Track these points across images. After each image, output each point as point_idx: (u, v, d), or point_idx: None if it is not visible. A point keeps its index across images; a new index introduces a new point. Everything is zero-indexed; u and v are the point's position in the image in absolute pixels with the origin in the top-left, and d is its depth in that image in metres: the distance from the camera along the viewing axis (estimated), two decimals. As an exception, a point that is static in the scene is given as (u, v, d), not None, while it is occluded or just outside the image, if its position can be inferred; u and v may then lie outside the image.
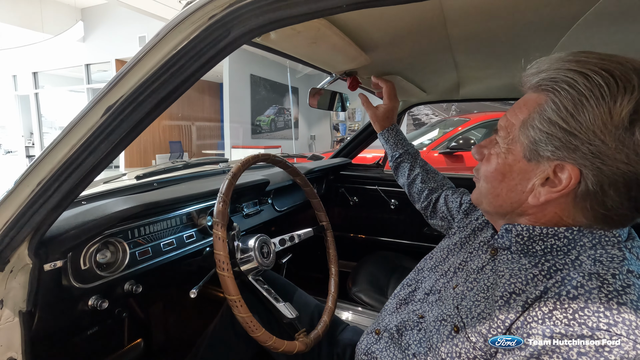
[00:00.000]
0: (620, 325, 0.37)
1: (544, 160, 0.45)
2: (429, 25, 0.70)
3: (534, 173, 0.47)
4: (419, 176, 0.99)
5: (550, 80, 0.44)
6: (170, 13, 5.42)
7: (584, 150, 0.42)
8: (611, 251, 0.45)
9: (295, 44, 0.72)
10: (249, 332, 0.69)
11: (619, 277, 0.41)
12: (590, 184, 0.43)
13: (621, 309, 0.38)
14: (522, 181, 0.49)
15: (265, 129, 8.24)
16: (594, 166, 0.42)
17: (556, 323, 0.40)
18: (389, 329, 0.69)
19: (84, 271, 0.72)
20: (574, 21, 0.67)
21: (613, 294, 0.39)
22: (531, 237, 0.50)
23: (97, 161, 0.54)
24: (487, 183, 0.55)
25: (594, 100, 0.40)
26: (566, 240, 0.47)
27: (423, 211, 0.99)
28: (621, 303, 0.38)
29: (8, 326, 0.61)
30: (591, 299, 0.39)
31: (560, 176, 0.45)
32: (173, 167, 1.26)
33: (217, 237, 0.71)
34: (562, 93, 0.42)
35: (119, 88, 0.51)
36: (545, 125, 0.44)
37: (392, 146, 1.04)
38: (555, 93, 0.43)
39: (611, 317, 0.38)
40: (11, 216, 0.56)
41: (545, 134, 0.44)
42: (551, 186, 0.46)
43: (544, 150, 0.45)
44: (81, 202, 0.87)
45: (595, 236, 0.46)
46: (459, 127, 4.31)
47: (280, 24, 0.45)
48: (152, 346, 1.24)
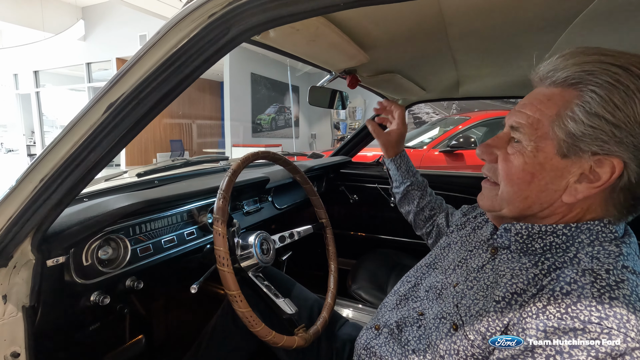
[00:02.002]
0: (611, 319, 0.37)
1: (586, 154, 0.44)
2: (428, 23, 0.70)
3: (569, 170, 0.46)
4: (429, 205, 0.98)
5: (586, 73, 0.43)
6: (170, 11, 5.42)
7: (627, 143, 0.42)
8: (608, 247, 0.45)
9: (294, 42, 0.73)
10: (249, 327, 0.70)
11: (612, 272, 0.42)
12: (632, 177, 0.43)
13: (613, 303, 0.38)
14: (555, 179, 0.47)
15: (265, 127, 8.25)
16: (637, 158, 0.42)
17: (549, 317, 0.41)
18: (389, 325, 0.69)
19: (86, 267, 0.73)
20: (572, 19, 0.68)
21: (605, 288, 0.40)
22: (530, 236, 0.51)
23: (98, 158, 0.54)
24: (511, 186, 0.51)
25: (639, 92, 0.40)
26: (564, 237, 0.48)
27: (424, 236, 0.99)
28: (613, 297, 0.39)
29: (11, 321, 0.62)
30: (584, 294, 0.40)
31: (598, 171, 0.44)
32: (174, 165, 1.27)
33: (217, 233, 0.72)
34: (606, 86, 0.42)
35: (121, 86, 0.51)
36: (590, 118, 0.43)
37: (404, 173, 1.01)
38: (598, 86, 0.42)
39: (602, 311, 0.38)
40: (14, 212, 0.57)
41: (591, 128, 0.43)
42: (589, 182, 0.45)
43: (587, 145, 0.43)
44: (83, 199, 0.88)
45: (593, 232, 0.47)
46: (460, 125, 4.31)
47: (279, 22, 0.46)
48: (153, 342, 1.25)
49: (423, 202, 0.99)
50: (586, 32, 0.71)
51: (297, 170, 1.00)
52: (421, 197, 0.99)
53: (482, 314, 0.50)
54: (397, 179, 1.03)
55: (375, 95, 1.66)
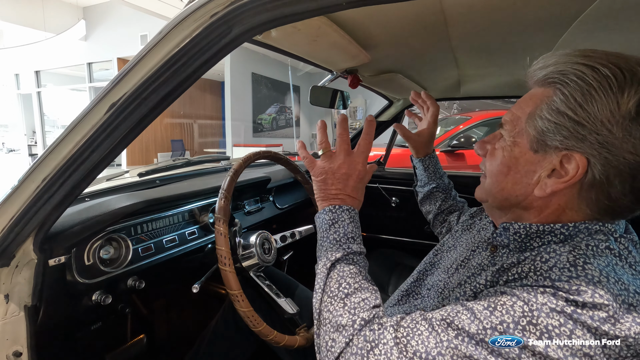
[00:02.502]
0: (582, 278, 0.39)
1: (552, 150, 0.46)
2: (429, 23, 0.70)
3: (540, 165, 0.48)
4: (450, 207, 0.97)
5: (559, 73, 0.45)
6: (171, 11, 5.43)
7: (591, 140, 0.42)
8: (597, 237, 0.46)
9: (295, 41, 0.73)
10: (251, 326, 0.70)
11: (592, 248, 0.43)
12: (597, 174, 0.43)
13: (586, 266, 0.40)
14: (528, 173, 0.49)
15: (266, 127, 8.25)
16: (601, 156, 0.42)
17: (528, 279, 0.43)
18: None
19: (88, 267, 0.73)
20: (574, 19, 0.67)
21: (582, 257, 0.41)
22: (528, 235, 0.51)
23: (100, 158, 0.54)
24: (491, 178, 0.55)
25: (603, 91, 0.41)
26: (562, 236, 0.48)
27: (438, 235, 0.99)
28: (587, 262, 0.40)
29: (14, 320, 0.62)
30: (560, 259, 0.42)
31: (567, 167, 0.45)
32: (175, 165, 1.27)
33: (219, 232, 0.72)
34: (571, 85, 0.43)
35: (123, 85, 0.51)
36: (553, 115, 0.45)
37: (431, 175, 0.99)
38: (564, 85, 0.44)
39: (574, 272, 0.40)
40: (17, 212, 0.57)
41: (554, 124, 0.45)
42: (558, 177, 0.46)
43: (552, 140, 0.46)
44: (85, 198, 0.88)
45: (591, 231, 0.47)
46: (461, 125, 4.31)
47: (280, 22, 0.46)
48: (154, 342, 1.25)
49: (445, 205, 0.97)
50: (588, 32, 0.71)
51: (298, 169, 1.00)
52: (444, 199, 0.98)
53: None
54: (422, 179, 1.01)
55: (376, 96, 1.66)
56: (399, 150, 4.18)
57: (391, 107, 1.81)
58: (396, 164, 3.74)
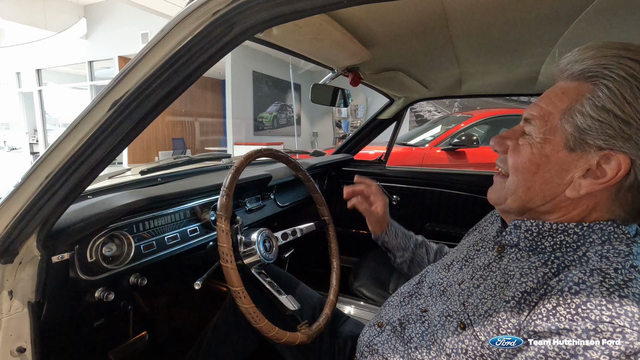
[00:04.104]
0: (623, 317, 0.37)
1: (592, 149, 0.43)
2: (431, 20, 0.70)
3: (575, 164, 0.45)
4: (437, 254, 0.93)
5: (602, 67, 0.42)
6: (173, 10, 5.42)
7: (636, 140, 0.41)
8: (618, 247, 0.44)
9: (297, 39, 0.73)
10: (252, 322, 0.71)
11: (621, 271, 0.41)
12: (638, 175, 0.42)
13: (623, 301, 0.38)
14: (559, 173, 0.47)
15: (267, 125, 8.25)
16: None
17: (560, 319, 0.40)
18: (392, 322, 0.69)
19: (91, 264, 0.74)
20: (575, 16, 0.68)
21: (614, 287, 0.39)
22: (540, 233, 0.50)
23: (103, 155, 0.55)
24: (516, 176, 0.51)
25: None
26: (576, 236, 0.47)
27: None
28: (623, 296, 0.38)
29: (18, 316, 0.62)
30: (593, 293, 0.39)
31: (605, 167, 0.43)
32: (176, 163, 1.27)
33: (221, 229, 0.72)
34: (618, 80, 0.41)
35: (125, 83, 0.52)
36: (597, 112, 0.42)
37: (402, 237, 0.93)
38: (610, 80, 0.41)
39: (613, 310, 0.38)
40: (20, 208, 0.57)
41: (598, 122, 0.42)
42: (594, 177, 0.44)
43: (593, 139, 0.43)
44: (87, 196, 0.89)
45: (605, 232, 0.46)
46: (462, 123, 4.30)
47: (282, 20, 0.46)
48: (156, 339, 1.26)
49: (431, 256, 0.92)
50: (590, 27, 0.71)
51: (300, 167, 1.00)
52: (427, 252, 0.92)
53: (491, 314, 0.49)
54: (399, 247, 0.93)
55: (377, 94, 1.66)
56: (400, 149, 4.18)
57: (392, 105, 1.81)
58: (397, 162, 3.74)
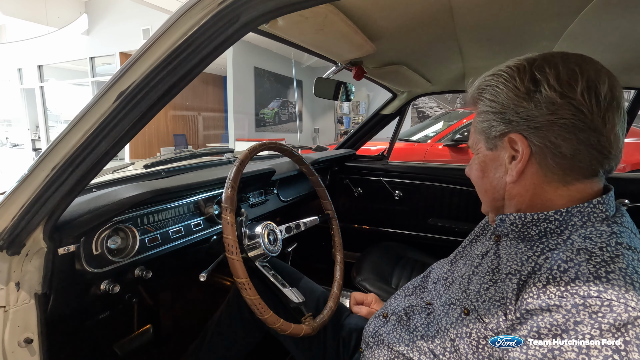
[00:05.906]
0: (610, 291, 0.39)
1: (498, 140, 0.54)
2: (436, 13, 0.70)
3: (500, 157, 0.55)
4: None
5: (476, 89, 0.57)
6: (174, 5, 5.40)
7: (516, 119, 0.51)
8: (600, 228, 0.48)
9: (302, 31, 0.73)
10: (257, 314, 0.71)
11: (606, 249, 0.44)
12: (538, 143, 0.50)
13: (610, 276, 0.41)
14: (496, 168, 0.57)
15: (269, 121, 8.23)
16: (530, 127, 0.50)
17: (550, 296, 0.43)
18: (397, 312, 0.71)
19: (96, 256, 0.74)
20: (581, 9, 0.67)
21: (601, 264, 0.42)
22: (524, 224, 0.54)
23: (109, 146, 0.55)
24: (477, 186, 0.63)
25: (502, 84, 0.52)
26: (557, 222, 0.51)
27: None
28: (609, 271, 0.41)
29: (24, 308, 0.63)
30: (580, 270, 0.42)
31: (518, 149, 0.52)
32: (180, 157, 1.28)
33: (226, 221, 0.72)
34: (485, 90, 0.55)
35: (131, 74, 0.52)
36: (484, 116, 0.55)
37: None
38: (482, 94, 0.56)
39: (600, 285, 0.40)
40: (27, 200, 0.57)
41: (487, 122, 0.55)
42: (516, 160, 0.53)
43: (492, 132, 0.54)
44: (92, 189, 0.89)
45: (584, 214, 0.49)
46: (464, 119, 4.28)
47: (288, 10, 0.46)
48: (160, 332, 1.27)
49: None
50: (596, 20, 0.70)
51: (303, 161, 1.00)
52: None
53: (494, 298, 0.52)
54: None
55: (379, 90, 1.65)
56: (402, 145, 4.17)
57: (395, 99, 1.80)
58: (399, 158, 3.74)
